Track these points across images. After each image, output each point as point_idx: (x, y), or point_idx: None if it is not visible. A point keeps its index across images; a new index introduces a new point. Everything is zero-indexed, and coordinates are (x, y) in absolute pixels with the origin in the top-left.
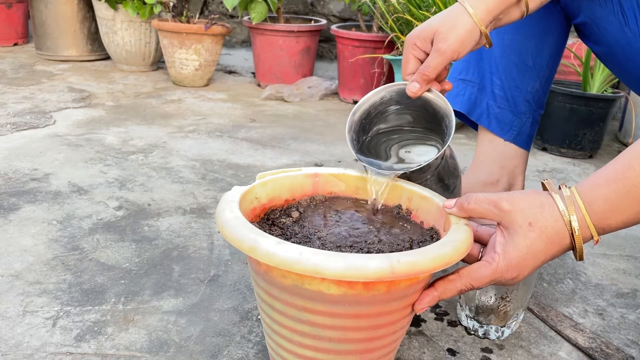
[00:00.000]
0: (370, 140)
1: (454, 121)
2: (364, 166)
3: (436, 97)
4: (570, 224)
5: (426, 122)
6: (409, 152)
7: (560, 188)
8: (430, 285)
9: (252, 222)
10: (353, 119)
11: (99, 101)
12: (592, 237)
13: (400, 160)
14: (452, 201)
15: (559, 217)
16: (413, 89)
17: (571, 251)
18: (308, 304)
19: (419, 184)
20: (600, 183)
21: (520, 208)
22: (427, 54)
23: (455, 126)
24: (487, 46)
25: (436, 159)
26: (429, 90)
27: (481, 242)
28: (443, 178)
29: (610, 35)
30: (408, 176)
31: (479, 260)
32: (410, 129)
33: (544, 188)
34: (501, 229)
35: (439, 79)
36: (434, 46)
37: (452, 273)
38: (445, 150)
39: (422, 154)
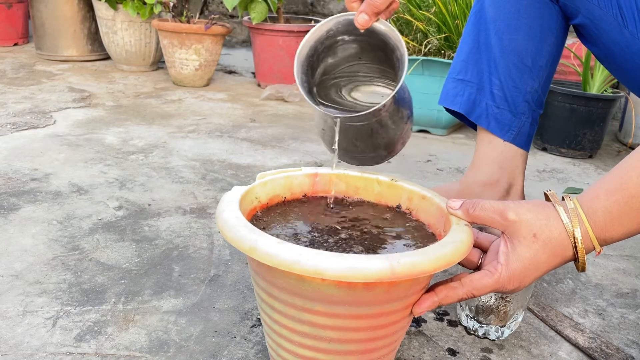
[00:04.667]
0: (320, 82)
1: (406, 54)
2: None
3: (386, 29)
4: (574, 236)
5: (376, 54)
6: (358, 93)
7: (563, 199)
8: (431, 289)
9: (252, 222)
10: (300, 59)
11: (99, 101)
12: (594, 249)
13: (353, 104)
14: (457, 202)
15: (562, 229)
16: (361, 20)
17: (573, 262)
18: (308, 305)
19: (364, 127)
20: (599, 195)
21: (526, 219)
22: None
23: (455, 126)
24: None
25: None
26: (376, 21)
27: (481, 248)
28: (393, 115)
29: (609, 37)
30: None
31: (479, 266)
32: (360, 64)
33: (547, 198)
34: (505, 238)
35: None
36: None
37: (454, 280)
38: (398, 88)
39: (373, 96)
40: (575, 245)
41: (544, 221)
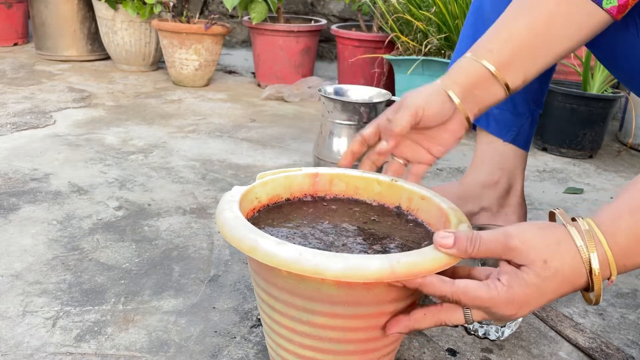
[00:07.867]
0: None
1: None
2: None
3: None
4: (590, 262)
5: None
6: None
7: (574, 220)
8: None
9: (252, 222)
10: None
11: (99, 101)
12: (610, 276)
13: None
14: (449, 238)
15: (576, 253)
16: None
17: (582, 292)
18: (308, 305)
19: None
20: (622, 213)
21: (533, 244)
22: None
23: None
24: (468, 126)
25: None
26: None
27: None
28: None
29: (611, 38)
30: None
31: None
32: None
33: (551, 217)
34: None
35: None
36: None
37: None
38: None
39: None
40: (591, 272)
41: (554, 246)
